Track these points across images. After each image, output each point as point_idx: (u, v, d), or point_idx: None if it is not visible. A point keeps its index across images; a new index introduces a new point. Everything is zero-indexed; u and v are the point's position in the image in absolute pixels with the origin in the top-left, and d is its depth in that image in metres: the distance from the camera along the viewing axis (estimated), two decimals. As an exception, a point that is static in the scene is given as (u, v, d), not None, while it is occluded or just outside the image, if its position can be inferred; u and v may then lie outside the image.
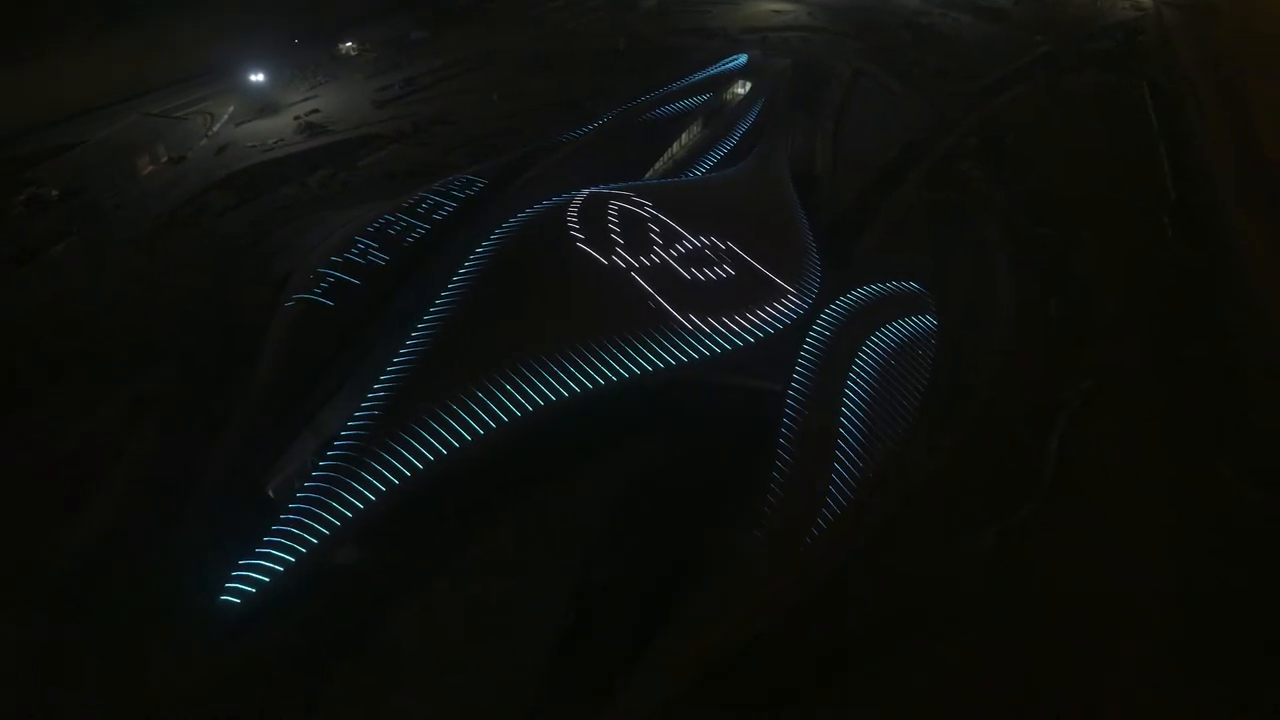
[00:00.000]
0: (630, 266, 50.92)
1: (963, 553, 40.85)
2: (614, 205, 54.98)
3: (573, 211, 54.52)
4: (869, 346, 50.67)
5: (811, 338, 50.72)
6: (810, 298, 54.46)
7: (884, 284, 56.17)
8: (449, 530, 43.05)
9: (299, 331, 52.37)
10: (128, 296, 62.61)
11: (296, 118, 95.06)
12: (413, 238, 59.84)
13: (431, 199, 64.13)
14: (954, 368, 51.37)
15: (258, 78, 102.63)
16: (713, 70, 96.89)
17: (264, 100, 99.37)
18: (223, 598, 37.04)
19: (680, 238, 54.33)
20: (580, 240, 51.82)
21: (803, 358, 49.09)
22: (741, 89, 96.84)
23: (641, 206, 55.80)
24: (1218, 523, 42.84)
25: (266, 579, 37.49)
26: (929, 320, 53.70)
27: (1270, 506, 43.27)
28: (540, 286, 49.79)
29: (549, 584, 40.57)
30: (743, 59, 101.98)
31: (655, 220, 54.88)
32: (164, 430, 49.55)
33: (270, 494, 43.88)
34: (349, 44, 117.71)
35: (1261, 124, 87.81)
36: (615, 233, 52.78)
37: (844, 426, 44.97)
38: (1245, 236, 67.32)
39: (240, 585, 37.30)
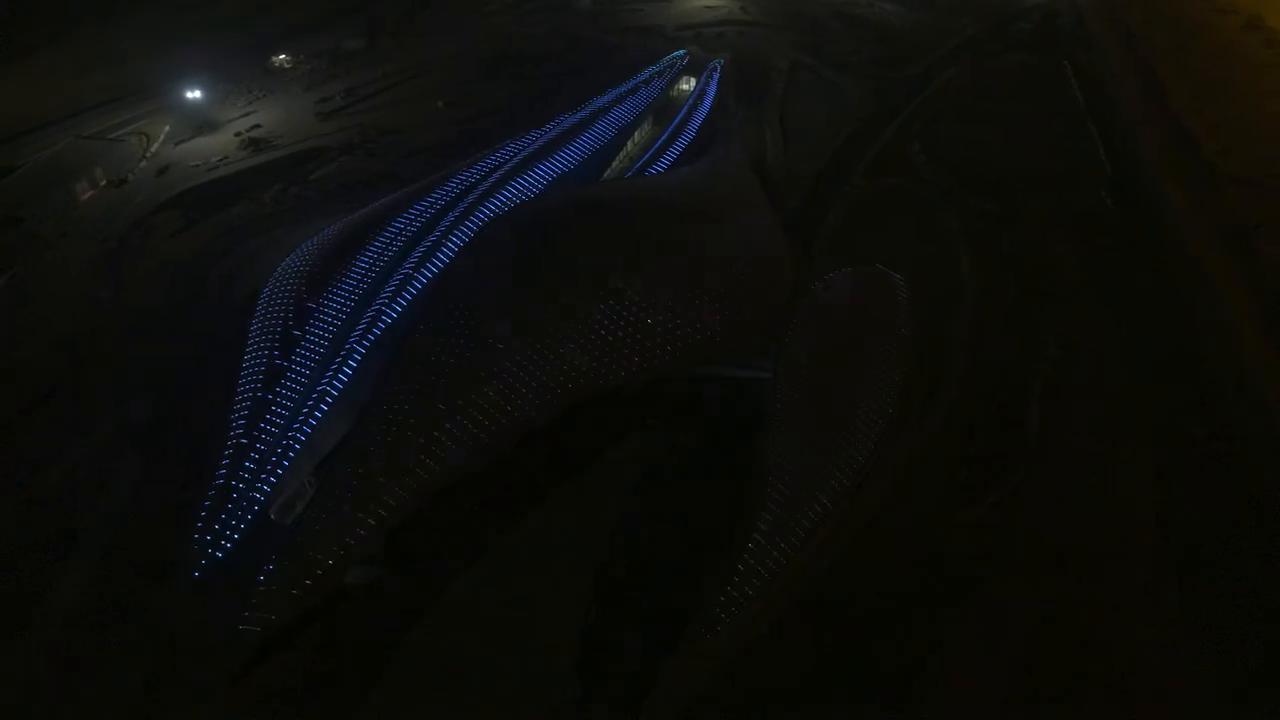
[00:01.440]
0: (613, 265, 51.32)
1: (966, 520, 42.90)
2: (589, 205, 55.44)
3: (548, 213, 54.88)
4: (849, 329, 52.26)
5: (794, 323, 52.12)
6: (788, 285, 55.93)
7: (855, 267, 57.82)
8: (459, 541, 43.16)
9: (278, 350, 51.41)
10: (88, 326, 60.51)
11: (238, 134, 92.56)
12: (383, 248, 59.04)
13: (396, 208, 63.42)
14: (930, 343, 53.74)
15: (191, 95, 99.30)
16: (656, 68, 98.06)
17: (200, 118, 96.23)
18: (242, 626, 36.65)
19: (657, 233, 54.96)
20: (561, 241, 52.00)
21: (788, 343, 50.47)
22: (686, 85, 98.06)
23: (616, 205, 56.33)
24: (1190, 473, 45.96)
25: (285, 603, 37.18)
26: (901, 299, 55.73)
27: (1231, 452, 46.64)
28: (526, 290, 49.68)
29: (565, 587, 41.08)
30: (684, 55, 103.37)
31: (632, 218, 55.46)
32: (150, 460, 48.36)
33: (272, 516, 43.31)
34: (282, 56, 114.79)
35: (1176, 98, 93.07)
36: (594, 232, 53.10)
37: (838, 408, 46.48)
38: (1177, 204, 71.51)
39: (259, 612, 36.92)
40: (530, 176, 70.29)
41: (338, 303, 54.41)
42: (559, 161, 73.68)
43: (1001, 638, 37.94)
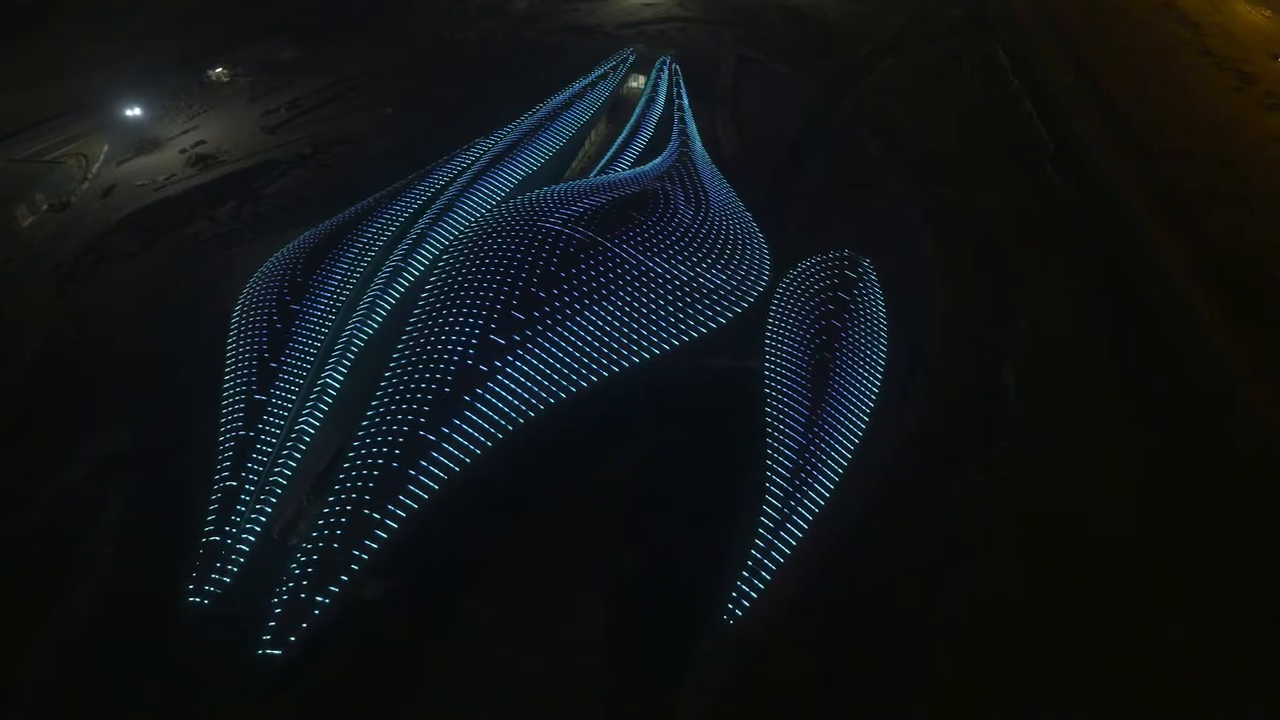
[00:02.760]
0: (596, 264, 51.71)
1: (957, 492, 44.72)
2: (566, 205, 55.53)
3: (519, 219, 54.70)
4: (827, 313, 53.62)
5: (775, 312, 53.32)
6: (766, 274, 57.20)
7: (825, 252, 59.18)
8: (469, 546, 43.16)
9: (255, 380, 50.32)
10: (52, 355, 58.68)
11: (183, 151, 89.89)
12: (350, 266, 58.12)
13: (360, 223, 62.49)
14: (903, 322, 55.61)
15: (129, 112, 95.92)
16: (610, 63, 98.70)
17: (141, 135, 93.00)
18: (261, 650, 36.17)
19: (634, 233, 55.43)
20: (537, 246, 52.01)
21: (772, 333, 51.61)
22: (636, 83, 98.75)
23: (590, 207, 56.52)
24: (1161, 432, 48.95)
25: (304, 624, 36.80)
26: (873, 281, 57.52)
27: (1189, 405, 50.02)
28: (512, 293, 49.61)
29: (579, 585, 41.56)
30: (630, 54, 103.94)
31: (608, 218, 55.75)
32: (135, 491, 47.23)
33: (274, 536, 42.76)
34: (220, 69, 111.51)
35: (1104, 76, 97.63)
36: (571, 235, 53.24)
37: (826, 393, 47.80)
38: (1119, 178, 75.15)
39: (277, 634, 36.50)
40: (492, 182, 70.16)
41: (311, 324, 53.54)
42: (519, 166, 73.66)
43: (998, 623, 39.48)
